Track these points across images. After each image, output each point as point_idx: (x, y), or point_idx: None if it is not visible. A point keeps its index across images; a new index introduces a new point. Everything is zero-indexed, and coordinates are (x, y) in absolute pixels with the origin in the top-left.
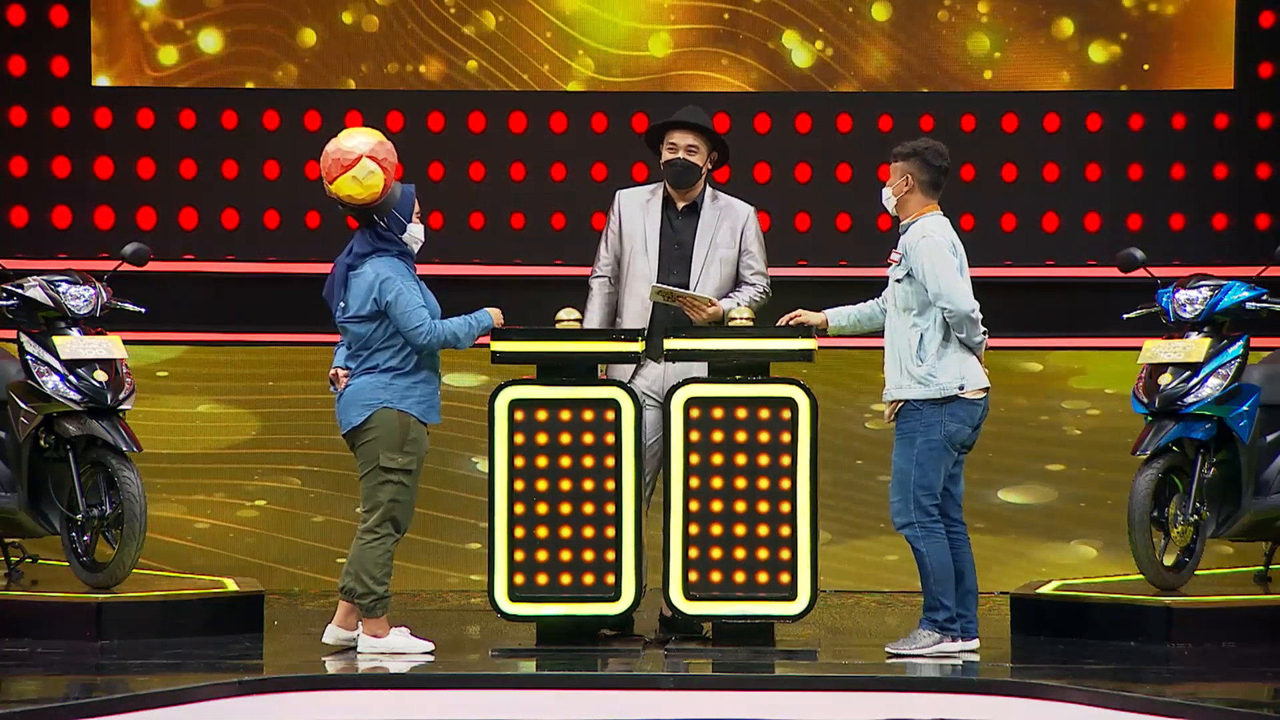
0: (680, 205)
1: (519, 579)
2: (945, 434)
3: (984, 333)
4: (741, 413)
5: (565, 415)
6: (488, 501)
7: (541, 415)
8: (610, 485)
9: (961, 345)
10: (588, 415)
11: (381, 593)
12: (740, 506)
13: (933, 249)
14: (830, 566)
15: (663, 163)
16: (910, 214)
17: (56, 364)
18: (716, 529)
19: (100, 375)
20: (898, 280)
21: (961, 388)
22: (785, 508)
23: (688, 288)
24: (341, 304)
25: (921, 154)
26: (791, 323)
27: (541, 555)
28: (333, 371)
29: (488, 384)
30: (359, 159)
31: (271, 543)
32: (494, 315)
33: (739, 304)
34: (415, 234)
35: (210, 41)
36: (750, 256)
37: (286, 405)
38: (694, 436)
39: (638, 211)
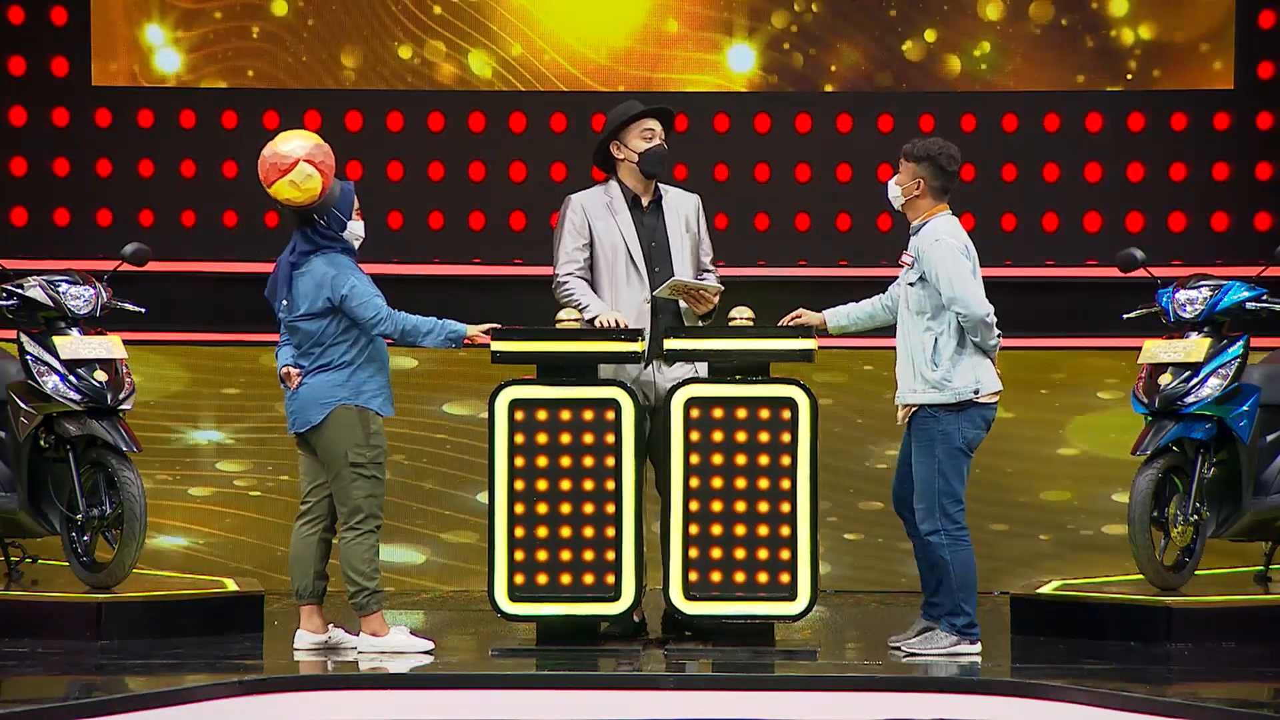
0: (645, 202)
1: (519, 579)
2: (965, 441)
3: (998, 335)
4: (741, 413)
5: (565, 415)
6: (488, 501)
7: (541, 415)
8: (610, 485)
9: (976, 349)
10: (588, 415)
11: (373, 587)
12: (740, 506)
13: (946, 252)
14: (830, 566)
15: (643, 151)
16: (919, 214)
17: (56, 364)
18: (716, 529)
19: (100, 375)
20: (910, 284)
21: (976, 392)
22: (785, 508)
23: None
24: (285, 302)
25: (935, 159)
26: (792, 323)
27: (541, 555)
28: (284, 370)
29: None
30: (295, 163)
31: (270, 543)
32: (469, 330)
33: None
34: (356, 231)
35: (211, 42)
36: (705, 243)
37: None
38: (694, 436)
39: (604, 214)
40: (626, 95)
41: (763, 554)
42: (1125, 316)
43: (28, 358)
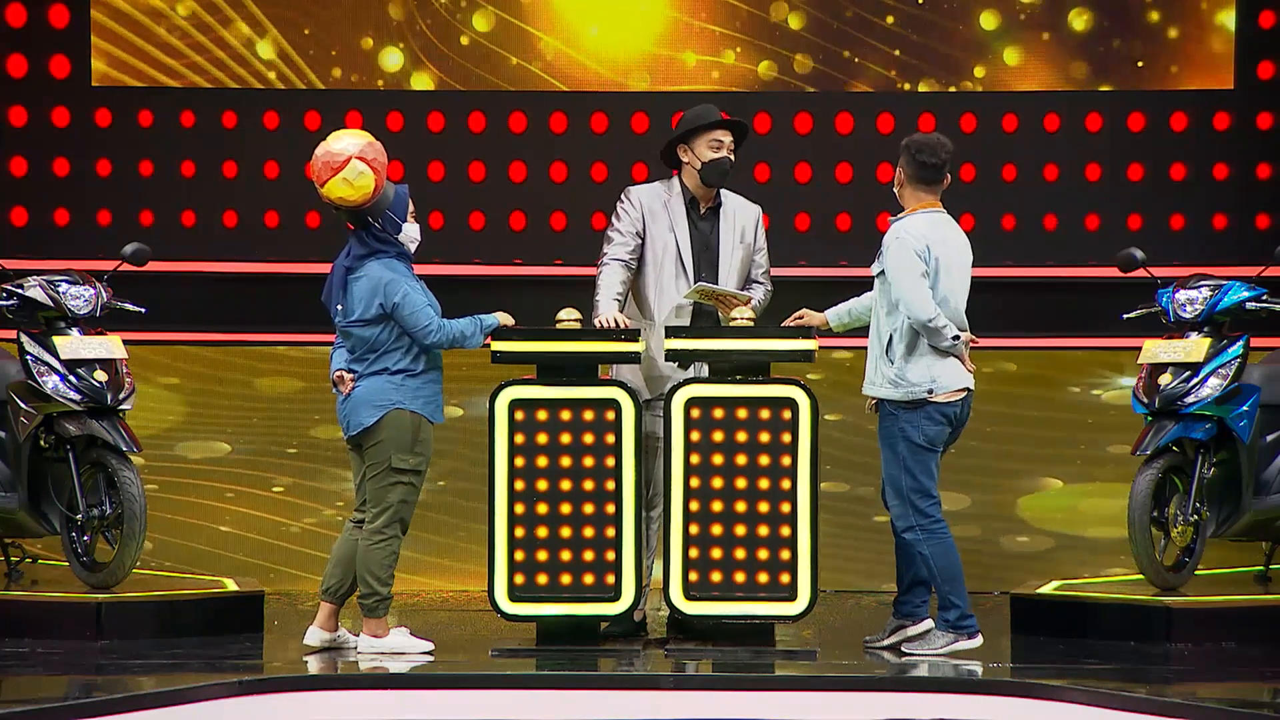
0: (703, 207)
1: (519, 579)
2: (925, 437)
3: (954, 338)
4: (742, 413)
5: (565, 415)
6: (488, 501)
7: (541, 415)
8: (610, 485)
9: (933, 348)
10: (588, 415)
11: (385, 593)
12: (740, 506)
13: (899, 252)
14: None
15: (708, 161)
16: (906, 207)
17: (56, 364)
18: (717, 529)
19: (100, 375)
20: (875, 276)
21: (931, 391)
22: (785, 508)
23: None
24: (339, 306)
25: (910, 148)
26: (794, 323)
27: (541, 555)
28: (336, 374)
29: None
30: (348, 160)
31: (271, 542)
32: (502, 318)
33: (758, 301)
34: (411, 234)
35: (211, 41)
36: (761, 255)
37: (287, 405)
38: (694, 436)
39: (660, 211)
40: (624, 95)
41: (763, 554)
42: (1125, 316)
43: (28, 358)
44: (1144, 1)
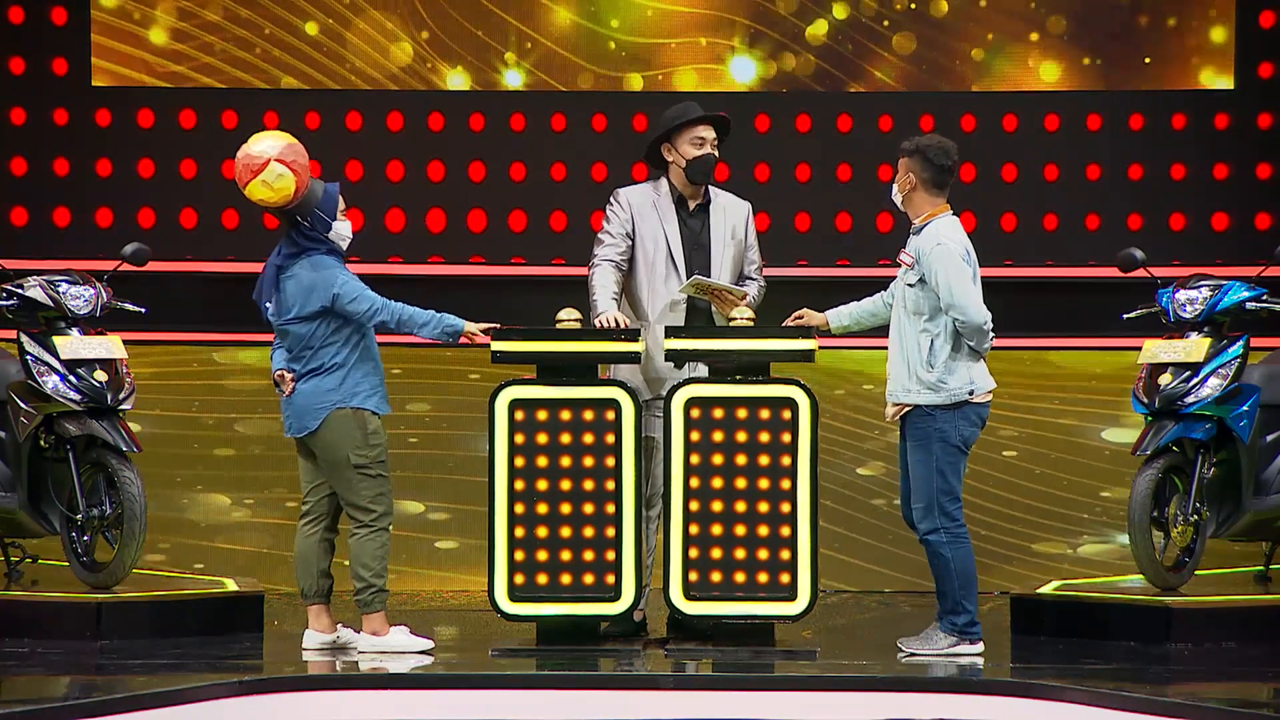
0: (692, 204)
1: (519, 579)
2: (962, 438)
3: (992, 338)
4: (742, 413)
5: (565, 415)
6: (488, 501)
7: (541, 415)
8: (610, 485)
9: (970, 350)
10: (588, 415)
11: (379, 585)
12: (740, 506)
13: (946, 258)
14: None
15: (692, 159)
16: (920, 213)
17: (56, 364)
18: (717, 529)
19: (100, 375)
20: (909, 285)
21: (971, 393)
22: (785, 508)
23: None
24: (269, 305)
25: (924, 151)
26: (794, 323)
27: (541, 555)
28: (277, 374)
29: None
30: (267, 163)
31: (270, 542)
32: (467, 326)
33: (751, 298)
34: (341, 231)
35: (210, 41)
36: (753, 251)
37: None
38: (694, 436)
39: (650, 212)
40: (624, 95)
41: (763, 554)
42: (1125, 316)
43: (28, 358)
44: (1144, 2)
